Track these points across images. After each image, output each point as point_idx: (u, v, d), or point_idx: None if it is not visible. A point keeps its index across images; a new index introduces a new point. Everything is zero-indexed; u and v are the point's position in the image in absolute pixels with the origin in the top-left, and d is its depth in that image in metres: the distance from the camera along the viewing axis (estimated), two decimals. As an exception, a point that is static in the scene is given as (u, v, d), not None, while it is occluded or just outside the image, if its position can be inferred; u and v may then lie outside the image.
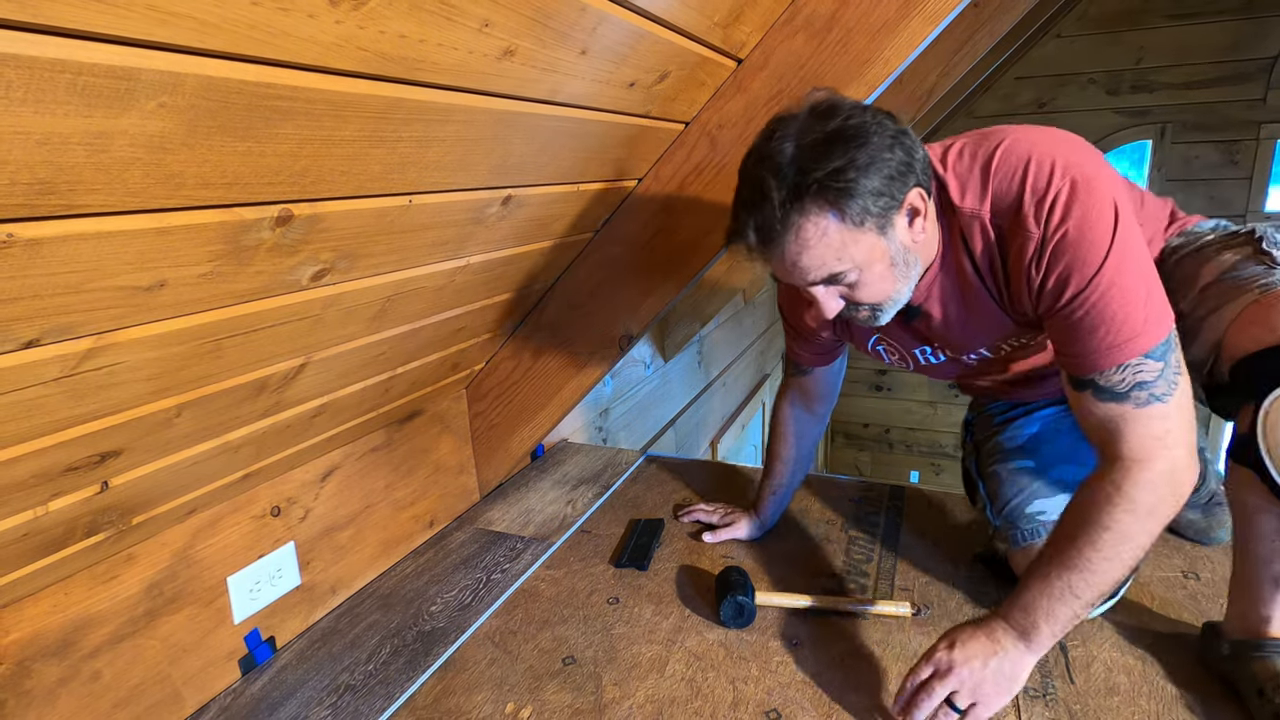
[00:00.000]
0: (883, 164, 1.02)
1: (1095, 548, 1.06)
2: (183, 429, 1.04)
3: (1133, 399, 1.06)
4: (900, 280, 1.13)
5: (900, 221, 1.08)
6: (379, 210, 0.98)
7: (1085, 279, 1.04)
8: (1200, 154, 5.33)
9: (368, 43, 0.72)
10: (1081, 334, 1.07)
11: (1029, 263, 1.08)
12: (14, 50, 0.49)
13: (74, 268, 0.68)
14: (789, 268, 1.08)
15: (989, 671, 1.08)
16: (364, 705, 1.25)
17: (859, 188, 1.01)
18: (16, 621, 1.02)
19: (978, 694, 1.08)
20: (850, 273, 1.08)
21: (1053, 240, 1.05)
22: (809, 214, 1.02)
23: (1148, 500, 1.06)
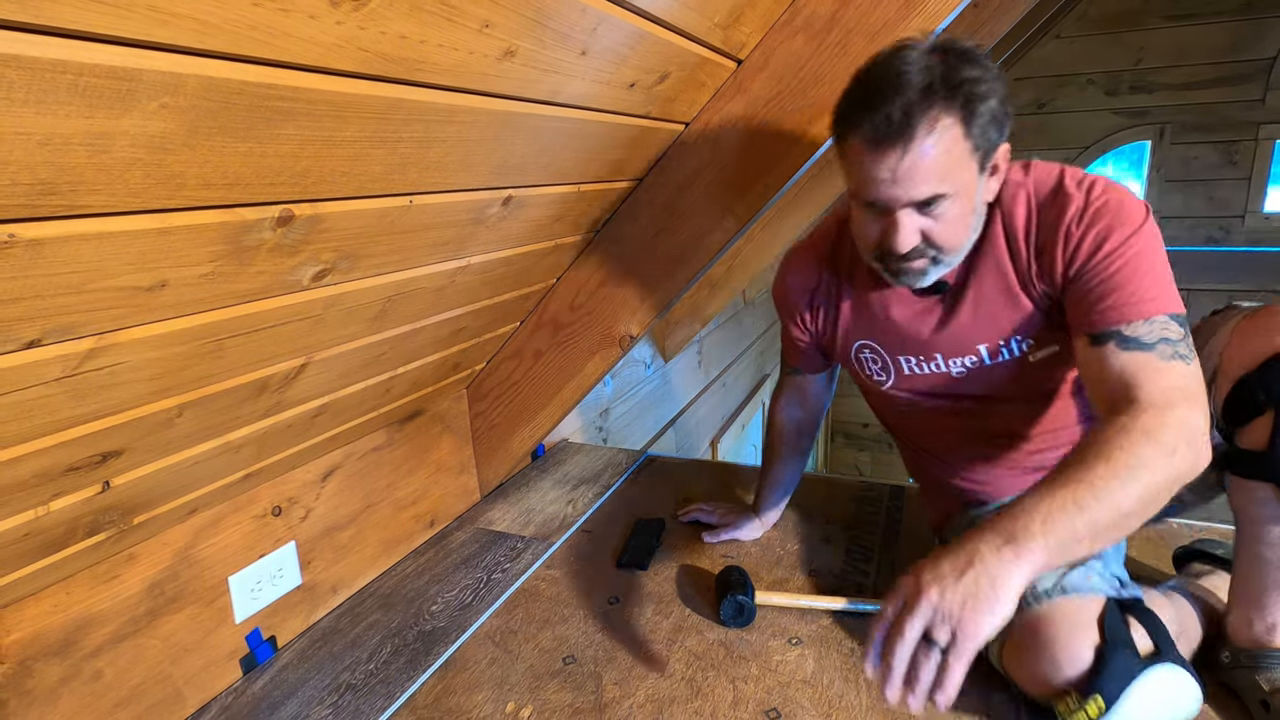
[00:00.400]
0: (1001, 91, 1.06)
1: (1107, 464, 0.93)
2: (184, 429, 1.04)
3: (1158, 351, 1.03)
4: (971, 231, 1.15)
5: (989, 166, 1.11)
6: (380, 211, 0.99)
7: (1124, 237, 1.07)
8: (1199, 154, 5.34)
9: (368, 43, 0.72)
10: (1116, 286, 1.07)
11: (1069, 220, 1.11)
12: (15, 51, 0.49)
13: (75, 268, 0.68)
14: (903, 172, 1.03)
15: (964, 589, 0.88)
16: (365, 704, 1.25)
17: (987, 104, 1.03)
18: (18, 621, 1.02)
19: (957, 620, 0.87)
20: (946, 201, 1.07)
21: (1094, 205, 1.10)
22: (941, 112, 1.01)
23: (1168, 439, 0.96)
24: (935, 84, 1.00)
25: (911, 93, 1.00)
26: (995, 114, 1.05)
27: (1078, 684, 1.04)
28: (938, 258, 1.14)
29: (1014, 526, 0.90)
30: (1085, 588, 1.12)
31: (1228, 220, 5.38)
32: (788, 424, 1.68)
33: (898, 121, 1.00)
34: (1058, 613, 1.09)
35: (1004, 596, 0.87)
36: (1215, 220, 5.41)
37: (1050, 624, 1.08)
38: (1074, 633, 1.06)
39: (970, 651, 0.86)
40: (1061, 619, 1.08)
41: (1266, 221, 5.30)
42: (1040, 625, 1.09)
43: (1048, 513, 0.91)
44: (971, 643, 0.86)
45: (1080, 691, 1.03)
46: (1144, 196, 5.57)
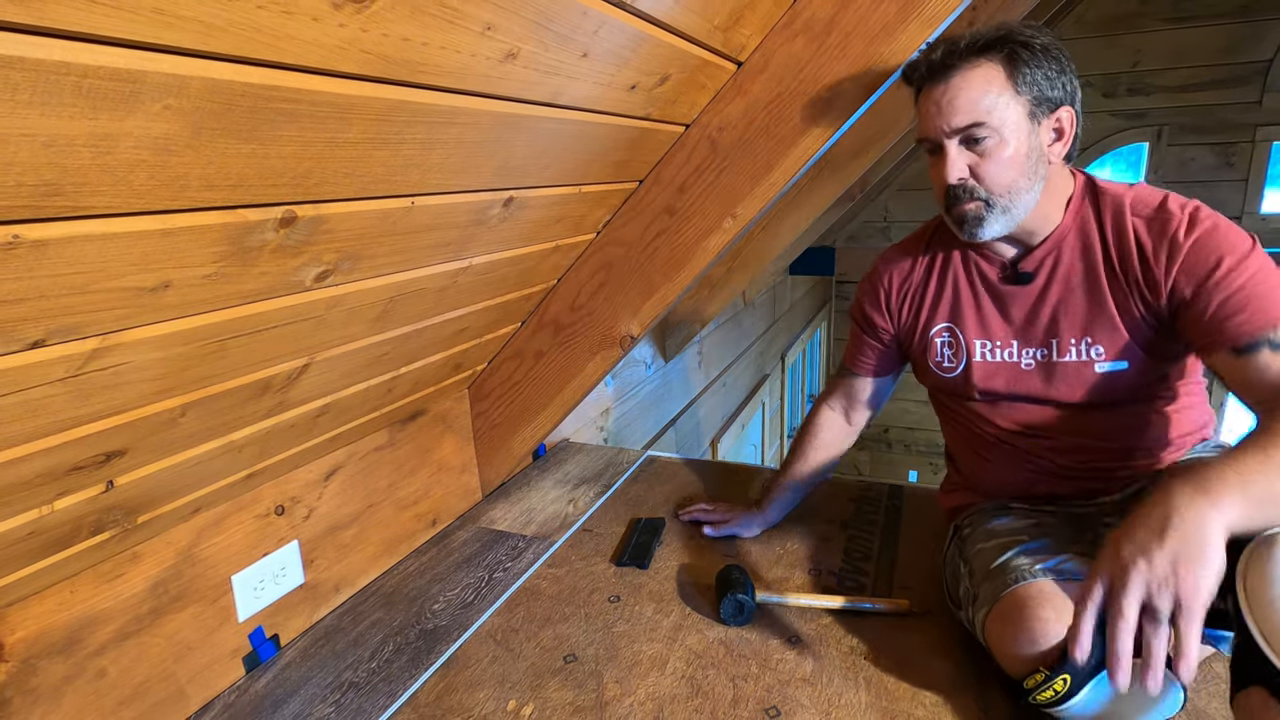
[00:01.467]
0: (1057, 62, 1.18)
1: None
2: (187, 429, 1.05)
3: None
4: (1024, 179, 1.20)
5: (1047, 126, 1.21)
6: (382, 212, 0.99)
7: (1240, 255, 1.12)
8: (1196, 156, 5.37)
9: (371, 46, 0.72)
10: (1248, 300, 1.10)
11: (1174, 235, 1.16)
12: (20, 53, 0.49)
13: (79, 269, 0.69)
14: (945, 103, 1.18)
15: (1170, 550, 0.84)
16: (367, 702, 1.25)
17: (1035, 60, 1.16)
18: (22, 619, 1.02)
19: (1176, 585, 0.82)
20: (990, 136, 1.17)
21: (1201, 225, 1.15)
22: (986, 59, 1.16)
23: None
24: (980, 39, 1.17)
25: (958, 42, 1.17)
26: (1047, 75, 1.17)
27: (1049, 661, 1.06)
28: (990, 200, 1.21)
29: (1206, 475, 0.88)
30: (1080, 574, 1.15)
31: (1225, 220, 5.40)
32: (824, 430, 1.69)
33: (941, 60, 1.18)
34: (1045, 590, 1.12)
35: (1212, 543, 0.83)
36: (1212, 221, 5.42)
37: (1032, 600, 1.11)
38: (1053, 611, 1.09)
39: (1200, 612, 0.81)
40: (1046, 597, 1.11)
41: (1264, 223, 5.33)
42: (1023, 600, 1.12)
43: (1240, 468, 0.89)
44: (1197, 602, 0.81)
45: (1050, 668, 1.04)
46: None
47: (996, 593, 1.18)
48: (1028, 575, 1.16)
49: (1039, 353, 1.32)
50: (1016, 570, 1.18)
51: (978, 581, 1.25)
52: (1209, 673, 1.20)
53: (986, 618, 1.18)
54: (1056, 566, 1.16)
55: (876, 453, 7.25)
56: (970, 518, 1.43)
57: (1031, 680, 1.06)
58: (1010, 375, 1.36)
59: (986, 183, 1.19)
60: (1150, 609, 0.83)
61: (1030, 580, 1.15)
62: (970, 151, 1.20)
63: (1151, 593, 0.83)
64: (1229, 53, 5.13)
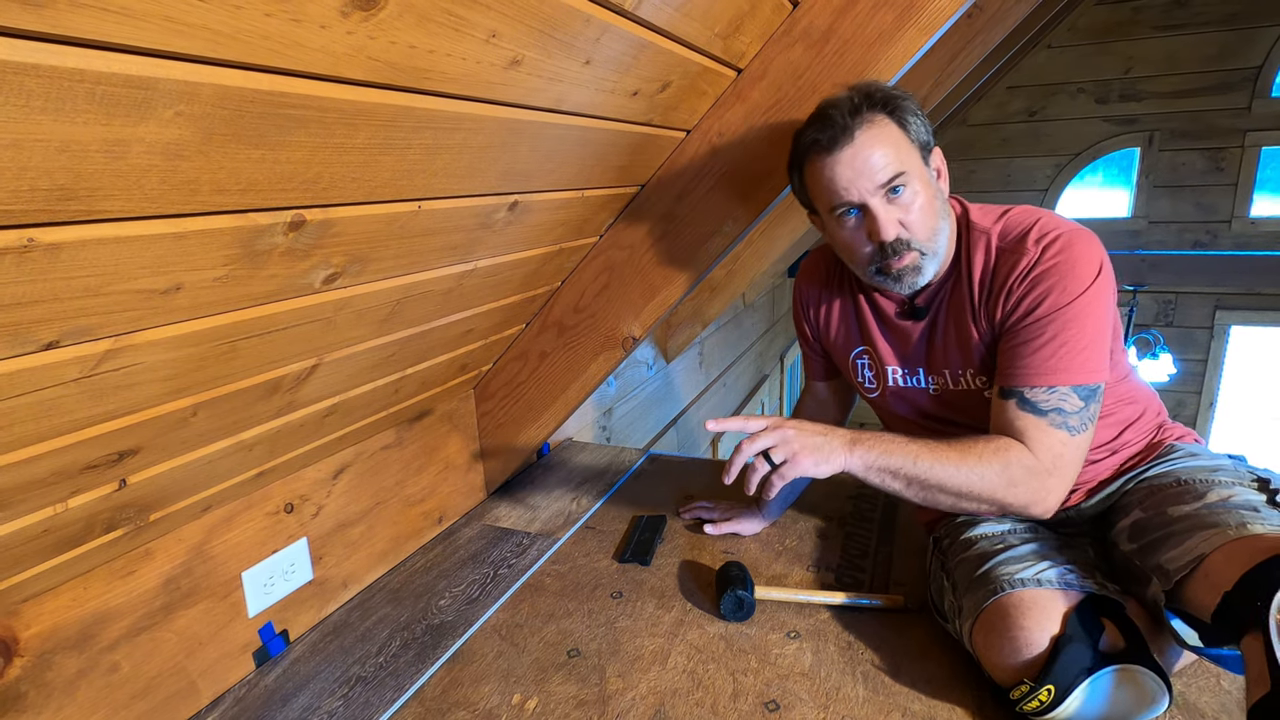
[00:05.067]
0: (917, 111, 1.24)
1: (960, 454, 1.20)
2: (199, 428, 1.05)
3: (1049, 418, 1.19)
4: (940, 221, 1.25)
5: (933, 164, 1.27)
6: (389, 216, 1.00)
7: (1057, 305, 1.18)
8: (1187, 161, 5.41)
9: (378, 53, 0.73)
10: (1031, 350, 1.19)
11: (1017, 276, 1.20)
12: (34, 60, 0.50)
13: (93, 271, 0.69)
14: (860, 163, 1.19)
15: (809, 441, 1.21)
16: (375, 696, 1.27)
17: (909, 113, 1.22)
18: (37, 615, 1.03)
19: (790, 454, 1.20)
20: (908, 184, 1.20)
21: (1044, 264, 1.19)
22: (876, 116, 1.20)
23: (1017, 475, 1.19)
24: (861, 101, 1.20)
25: (845, 106, 1.20)
26: (921, 122, 1.23)
27: (1034, 671, 1.07)
28: (923, 249, 1.23)
29: (864, 437, 1.23)
30: (1060, 582, 1.15)
31: (1215, 225, 5.43)
32: None
33: (841, 125, 1.19)
34: (1026, 600, 1.13)
35: (829, 463, 1.21)
36: (1203, 225, 5.45)
37: (1016, 609, 1.13)
38: (1035, 620, 1.10)
39: (788, 476, 1.20)
40: (1027, 606, 1.12)
41: (1253, 226, 5.36)
42: (1008, 609, 1.13)
43: (890, 447, 1.22)
44: (793, 472, 1.20)
45: (1034, 679, 1.06)
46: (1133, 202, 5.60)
47: (979, 604, 1.19)
48: (1008, 585, 1.17)
49: (939, 380, 1.38)
50: (997, 580, 1.19)
51: (961, 593, 1.26)
52: (1198, 668, 1.22)
53: (972, 629, 1.19)
54: (1037, 575, 1.17)
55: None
56: (946, 528, 1.44)
57: (1017, 691, 1.07)
58: (920, 399, 1.42)
59: (915, 231, 1.22)
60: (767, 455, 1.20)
61: (1012, 590, 1.15)
62: (894, 205, 1.21)
63: (778, 447, 1.20)
64: (1219, 60, 5.16)
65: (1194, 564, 1.04)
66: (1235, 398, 6.04)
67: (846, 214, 1.25)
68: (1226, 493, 1.14)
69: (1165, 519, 1.16)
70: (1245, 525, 1.03)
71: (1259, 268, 4.67)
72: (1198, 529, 1.08)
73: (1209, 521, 1.08)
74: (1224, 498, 1.13)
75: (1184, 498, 1.17)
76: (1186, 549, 1.07)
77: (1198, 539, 1.06)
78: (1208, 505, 1.12)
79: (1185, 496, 1.18)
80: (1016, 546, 1.26)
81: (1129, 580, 1.19)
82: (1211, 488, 1.17)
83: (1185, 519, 1.13)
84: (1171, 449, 1.33)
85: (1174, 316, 5.84)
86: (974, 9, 2.31)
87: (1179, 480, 1.23)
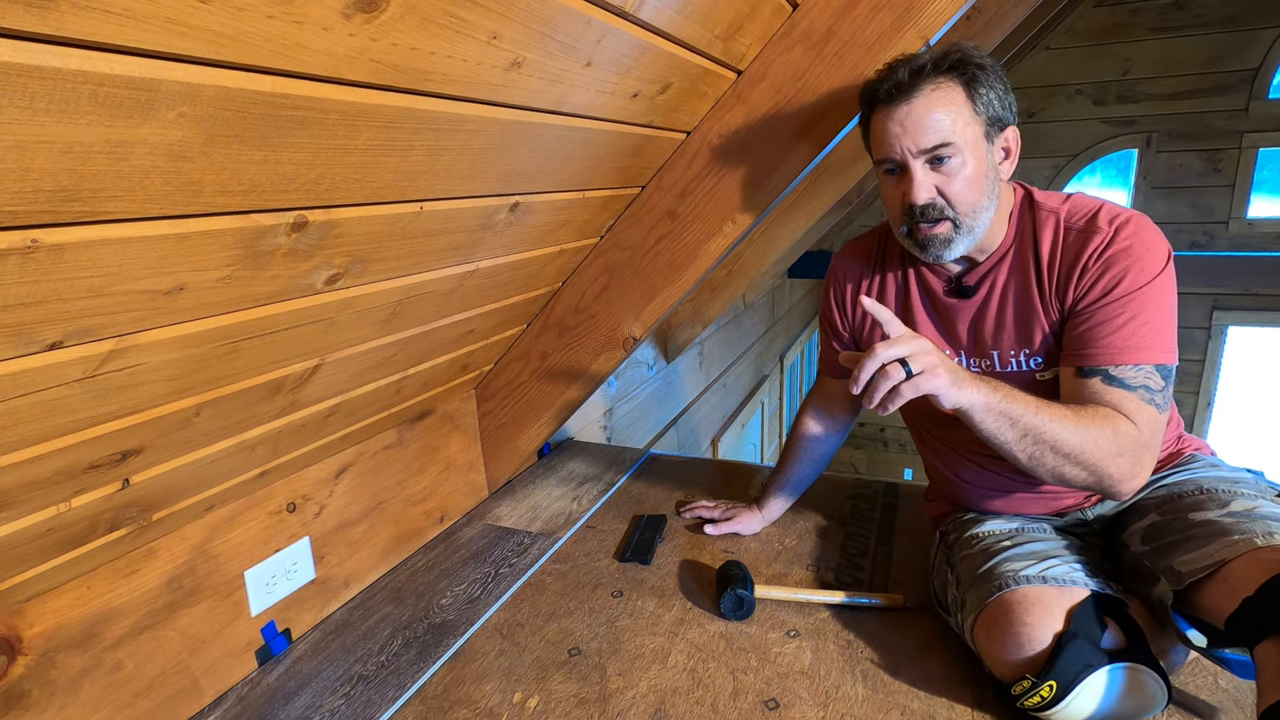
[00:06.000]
0: (1004, 84, 1.20)
1: (1076, 415, 1.14)
2: (201, 428, 1.06)
3: (1139, 393, 1.16)
4: (985, 199, 1.22)
5: (999, 145, 1.23)
6: (391, 217, 1.00)
7: (1137, 283, 1.16)
8: (1184, 162, 5.43)
9: (380, 55, 0.73)
10: (1114, 328, 1.17)
11: (1091, 254, 1.19)
12: (38, 62, 0.50)
13: (96, 272, 0.69)
14: (911, 123, 1.17)
15: (947, 362, 1.12)
16: (376, 695, 1.27)
17: (988, 81, 1.18)
18: (41, 614, 1.03)
19: (929, 366, 1.10)
20: (955, 155, 1.18)
21: (1119, 243, 1.17)
22: (945, 79, 1.17)
23: (1124, 445, 1.14)
24: (938, 60, 1.17)
25: (917, 63, 1.17)
26: (999, 96, 1.19)
27: (1036, 667, 1.08)
28: (957, 221, 1.21)
29: (993, 384, 1.14)
30: (1066, 580, 1.15)
31: (1212, 226, 5.45)
32: (810, 428, 1.72)
33: (905, 81, 1.16)
34: (1030, 596, 1.14)
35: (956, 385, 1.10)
36: (1200, 226, 5.47)
37: (1020, 605, 1.13)
38: (1039, 616, 1.10)
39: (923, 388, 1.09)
40: (1031, 602, 1.12)
41: (1250, 226, 5.38)
42: (1012, 605, 1.14)
43: (1013, 396, 1.13)
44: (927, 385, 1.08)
45: (1036, 675, 1.06)
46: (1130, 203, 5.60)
47: (983, 599, 1.20)
48: (1012, 581, 1.17)
49: (983, 363, 1.35)
50: (1001, 577, 1.19)
51: (964, 588, 1.27)
52: (1196, 668, 1.22)
53: (974, 624, 1.20)
54: (1041, 572, 1.17)
55: (873, 451, 7.28)
56: (954, 523, 1.44)
57: (1019, 686, 1.08)
58: None
59: (954, 202, 1.20)
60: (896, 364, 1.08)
61: (1015, 587, 1.16)
62: (935, 172, 1.20)
63: (913, 357, 1.08)
64: (1216, 61, 5.18)
65: (1213, 568, 1.04)
66: (1232, 398, 6.04)
67: (890, 170, 1.25)
68: (1251, 504, 1.14)
69: (1185, 523, 1.16)
70: (1272, 535, 1.03)
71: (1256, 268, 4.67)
72: (1220, 535, 1.09)
73: (1233, 529, 1.08)
74: (1249, 509, 1.13)
75: (1206, 505, 1.17)
76: (1206, 553, 1.07)
77: (1219, 545, 1.07)
78: (1232, 513, 1.13)
79: (1208, 504, 1.18)
80: (1022, 544, 1.27)
81: (1134, 580, 1.20)
82: (1235, 498, 1.17)
83: (1206, 525, 1.13)
84: (1192, 458, 1.34)
85: (1172, 317, 5.83)
86: (973, 11, 2.31)
87: (1200, 488, 1.23)
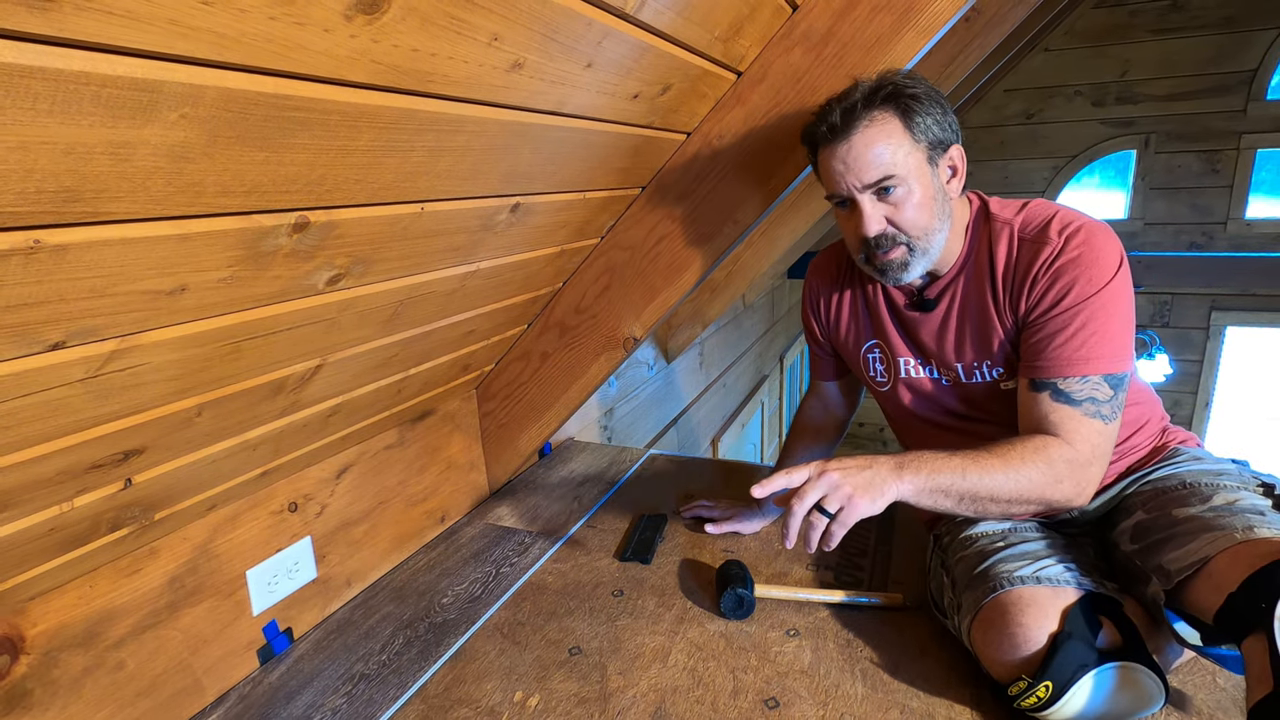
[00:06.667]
0: (940, 107, 1.22)
1: (1003, 460, 1.19)
2: (203, 428, 1.06)
3: (1083, 407, 1.20)
4: (935, 220, 1.25)
5: (944, 165, 1.25)
6: (392, 217, 1.00)
7: (1084, 295, 1.18)
8: (1183, 163, 5.45)
9: (381, 56, 0.73)
10: (1062, 340, 1.19)
11: (1041, 265, 1.21)
12: (40, 63, 0.50)
13: (98, 272, 0.70)
14: (852, 160, 1.20)
15: (858, 479, 1.16)
16: (378, 694, 1.27)
17: (922, 109, 1.20)
18: (43, 613, 1.04)
19: (844, 499, 1.15)
20: (900, 185, 1.21)
21: (1068, 253, 1.20)
22: (878, 114, 1.19)
23: (1060, 470, 1.19)
24: (871, 94, 1.20)
25: (849, 101, 1.20)
26: (936, 120, 1.22)
27: (1032, 667, 1.08)
28: (911, 244, 1.24)
29: (908, 461, 1.20)
30: (1060, 580, 1.16)
31: (1210, 226, 5.47)
32: (806, 431, 1.75)
33: (841, 121, 1.20)
34: (1025, 597, 1.14)
35: (884, 496, 1.17)
36: (1198, 226, 5.49)
37: (1015, 606, 1.13)
38: (1034, 617, 1.11)
39: (849, 523, 1.15)
40: (1026, 603, 1.13)
41: (1248, 227, 5.40)
42: (1007, 606, 1.14)
43: (936, 466, 1.19)
44: (853, 517, 1.14)
45: (1032, 676, 1.06)
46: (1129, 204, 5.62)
47: (979, 600, 1.20)
48: (1007, 583, 1.17)
49: (949, 374, 1.38)
50: (996, 578, 1.19)
51: (960, 590, 1.27)
52: (1193, 666, 1.22)
53: (971, 626, 1.20)
54: (1036, 573, 1.18)
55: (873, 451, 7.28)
56: (948, 526, 1.45)
57: (1016, 687, 1.08)
58: (933, 391, 1.41)
59: (905, 229, 1.23)
60: (820, 507, 1.15)
61: (1011, 587, 1.16)
62: (883, 202, 1.23)
63: (829, 496, 1.15)
64: (1215, 63, 5.20)
65: (1198, 565, 1.04)
66: (1231, 398, 6.05)
67: (840, 203, 1.28)
68: (1233, 497, 1.15)
69: (1169, 520, 1.17)
70: (1252, 529, 1.04)
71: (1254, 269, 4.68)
72: (1202, 531, 1.09)
73: (1214, 524, 1.09)
74: (1230, 502, 1.14)
75: (1189, 500, 1.18)
76: (1190, 550, 1.07)
77: (1202, 541, 1.07)
78: (1213, 508, 1.13)
79: (1190, 499, 1.18)
80: (1016, 545, 1.27)
81: (1128, 580, 1.20)
82: (1217, 491, 1.17)
83: (1190, 521, 1.13)
84: (1176, 452, 1.34)
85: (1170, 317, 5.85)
86: (972, 12, 2.31)
87: (1184, 483, 1.23)
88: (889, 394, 1.50)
